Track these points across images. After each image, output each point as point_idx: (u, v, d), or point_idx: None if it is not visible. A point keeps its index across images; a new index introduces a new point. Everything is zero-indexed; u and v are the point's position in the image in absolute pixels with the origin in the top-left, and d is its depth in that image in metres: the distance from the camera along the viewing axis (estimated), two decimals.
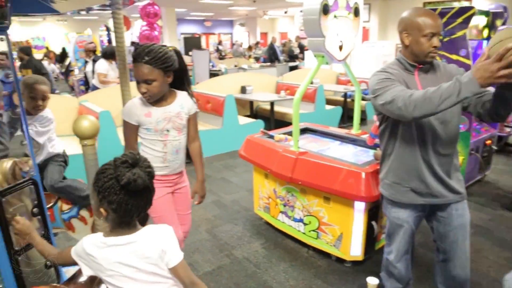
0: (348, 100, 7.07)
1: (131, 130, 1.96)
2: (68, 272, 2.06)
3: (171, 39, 15.43)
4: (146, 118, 1.91)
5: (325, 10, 2.63)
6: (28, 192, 1.74)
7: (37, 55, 10.85)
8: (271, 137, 3.25)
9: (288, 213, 3.06)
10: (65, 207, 2.24)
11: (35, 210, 1.70)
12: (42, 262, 1.77)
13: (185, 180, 2.21)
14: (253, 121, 5.98)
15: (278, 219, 3.18)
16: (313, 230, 2.85)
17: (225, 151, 5.57)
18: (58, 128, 4.63)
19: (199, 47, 14.97)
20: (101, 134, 4.35)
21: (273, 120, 6.28)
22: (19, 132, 1.81)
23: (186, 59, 11.46)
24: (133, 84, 2.02)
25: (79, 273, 1.57)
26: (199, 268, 2.79)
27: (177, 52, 1.94)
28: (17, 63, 7.06)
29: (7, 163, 1.70)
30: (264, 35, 23.23)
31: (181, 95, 2.02)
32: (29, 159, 1.75)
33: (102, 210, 1.24)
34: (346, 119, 6.88)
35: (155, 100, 1.92)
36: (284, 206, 3.07)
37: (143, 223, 1.36)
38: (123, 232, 1.27)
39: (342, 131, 3.42)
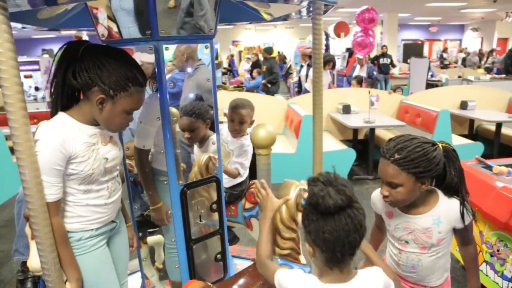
0: None
1: (377, 218, 1.71)
2: (236, 267, 2.15)
3: (390, 45, 14.88)
4: (386, 217, 1.59)
5: None
6: (215, 187, 1.87)
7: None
8: (489, 167, 2.64)
9: (495, 266, 2.43)
10: (248, 205, 2.34)
11: (214, 206, 1.81)
12: (214, 253, 1.89)
13: None
14: (471, 142, 5.12)
15: (480, 270, 2.58)
16: None
17: None
18: None
19: (420, 55, 13.89)
20: (301, 136, 4.57)
21: (497, 145, 5.23)
22: None
23: (403, 67, 10.86)
24: (325, 93, 1.91)
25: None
26: None
27: (452, 151, 1.46)
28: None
29: (204, 157, 1.87)
30: (502, 41, 19.78)
31: (444, 204, 1.47)
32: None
33: (307, 245, 1.10)
34: None
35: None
36: (492, 256, 2.46)
37: None
38: (335, 278, 1.09)
39: None
